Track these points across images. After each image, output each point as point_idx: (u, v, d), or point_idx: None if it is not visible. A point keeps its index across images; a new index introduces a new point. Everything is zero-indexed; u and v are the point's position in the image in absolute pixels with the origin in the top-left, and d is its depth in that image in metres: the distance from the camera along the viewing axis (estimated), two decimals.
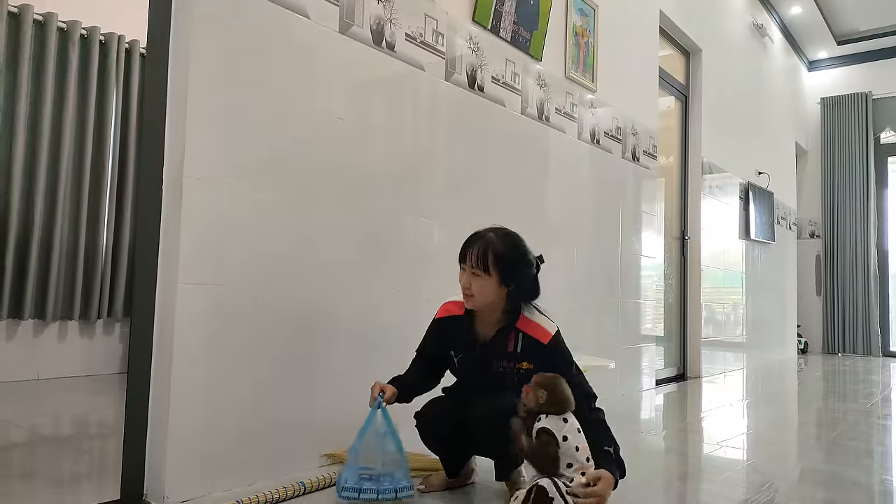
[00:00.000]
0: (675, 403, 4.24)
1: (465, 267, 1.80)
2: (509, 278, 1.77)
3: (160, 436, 1.78)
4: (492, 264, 1.75)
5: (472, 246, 1.79)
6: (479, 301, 1.80)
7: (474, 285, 1.78)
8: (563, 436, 1.57)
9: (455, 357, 1.91)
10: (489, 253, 1.76)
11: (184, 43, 1.85)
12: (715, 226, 5.74)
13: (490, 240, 1.78)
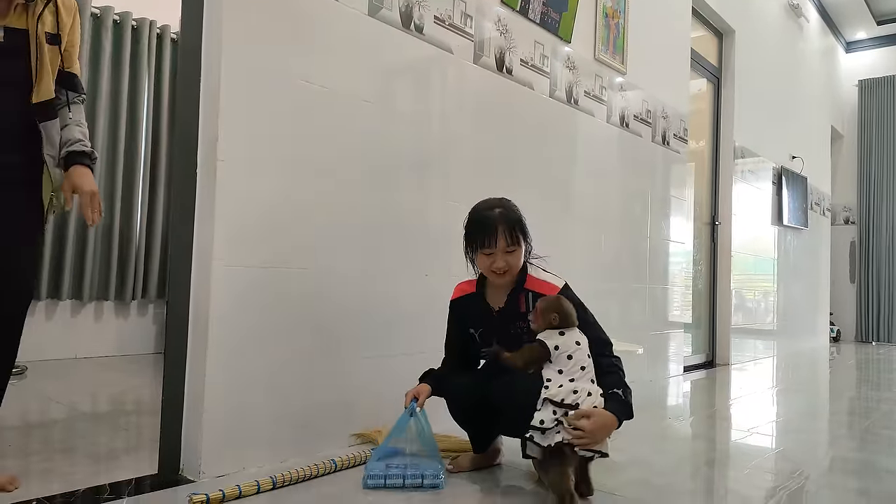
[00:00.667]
0: (703, 390, 4.21)
1: (492, 251, 1.80)
2: (527, 238, 1.86)
3: (196, 413, 1.82)
4: (518, 234, 1.82)
5: (493, 229, 1.79)
6: (511, 273, 1.85)
7: (510, 261, 1.81)
8: (554, 345, 1.69)
9: (476, 333, 1.94)
10: (514, 224, 1.81)
11: (216, 28, 1.86)
12: (746, 211, 5.64)
13: (505, 214, 1.82)
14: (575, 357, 1.70)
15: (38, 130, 1.59)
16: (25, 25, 1.55)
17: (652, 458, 2.30)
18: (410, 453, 1.87)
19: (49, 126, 1.61)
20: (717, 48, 5.40)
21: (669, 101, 4.26)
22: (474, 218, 1.86)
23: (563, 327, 1.74)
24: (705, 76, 5.23)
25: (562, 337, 1.72)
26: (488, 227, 1.80)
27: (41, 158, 1.61)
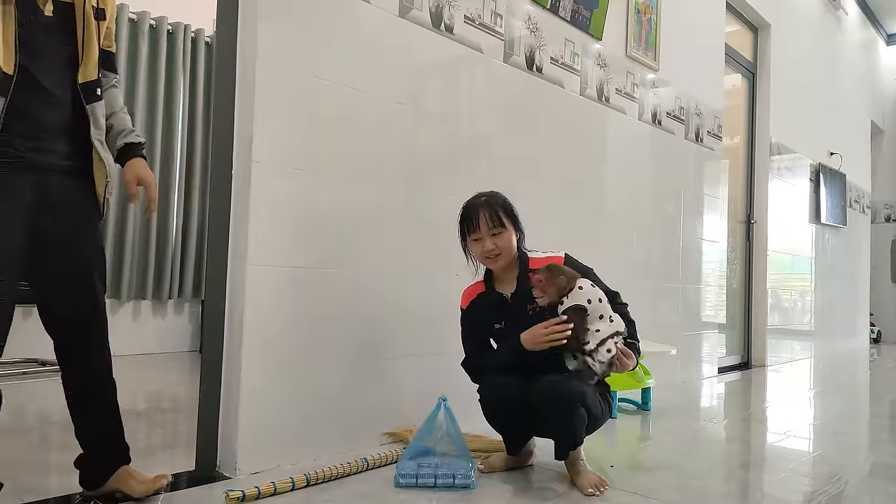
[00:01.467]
0: (738, 392, 4.13)
1: (479, 235, 1.90)
2: (518, 225, 1.94)
3: (232, 410, 1.86)
4: (504, 218, 1.90)
5: (476, 213, 1.91)
6: (504, 258, 1.91)
7: (500, 243, 1.89)
8: (587, 299, 1.80)
9: (500, 325, 1.95)
10: (498, 210, 1.90)
11: (251, 31, 1.90)
12: (782, 209, 5.51)
13: (488, 201, 1.92)
14: (603, 299, 1.83)
15: (85, 112, 1.50)
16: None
17: (685, 462, 2.27)
18: (441, 453, 1.88)
19: (96, 108, 1.53)
20: (753, 43, 5.29)
21: (703, 98, 4.19)
22: (461, 210, 1.97)
23: (573, 284, 1.81)
24: (740, 71, 5.13)
25: (582, 291, 1.81)
26: (471, 213, 1.92)
27: (90, 142, 1.52)
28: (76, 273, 1.53)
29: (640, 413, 3.03)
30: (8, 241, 1.39)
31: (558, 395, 1.73)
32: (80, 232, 1.54)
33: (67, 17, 1.46)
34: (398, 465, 1.85)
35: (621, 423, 2.83)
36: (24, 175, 1.41)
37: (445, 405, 1.87)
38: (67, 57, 1.47)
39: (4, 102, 1.36)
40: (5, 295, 1.41)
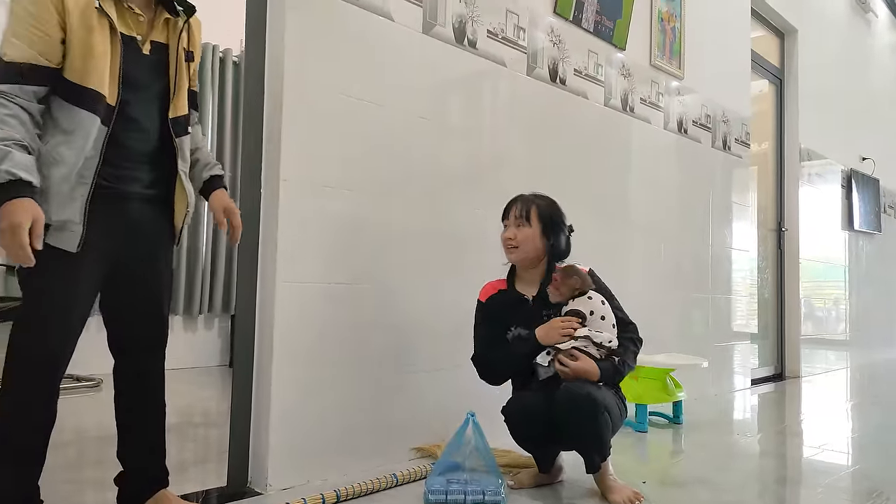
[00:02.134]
0: (772, 404, 4.05)
1: (507, 223, 1.99)
2: (549, 231, 1.96)
3: (263, 427, 1.88)
4: (535, 216, 1.96)
5: (515, 203, 2.00)
6: (521, 252, 1.95)
7: (519, 235, 1.95)
8: (589, 310, 1.86)
9: (514, 329, 1.96)
10: (532, 207, 1.97)
11: (278, 52, 1.93)
12: (814, 216, 5.40)
13: (532, 199, 2.00)
14: (607, 316, 1.88)
15: (172, 145, 1.59)
16: (167, 40, 1.58)
17: (719, 477, 2.22)
18: (470, 468, 1.87)
19: (184, 141, 1.62)
20: (779, 48, 5.22)
21: (730, 105, 4.14)
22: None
23: (585, 291, 1.88)
24: (766, 77, 5.06)
25: (591, 301, 1.87)
26: (510, 202, 2.02)
27: (175, 173, 1.60)
28: (149, 300, 1.61)
29: (672, 427, 2.98)
30: (92, 267, 1.46)
31: (579, 404, 1.74)
32: (156, 259, 1.62)
33: (162, 56, 1.57)
34: (427, 481, 1.85)
35: (652, 437, 2.79)
36: (109, 202, 1.48)
37: (474, 420, 1.87)
38: (158, 93, 1.57)
39: (107, 132, 1.44)
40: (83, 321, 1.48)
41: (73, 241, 1.41)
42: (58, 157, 1.40)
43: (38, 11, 1.37)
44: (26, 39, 1.37)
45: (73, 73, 1.42)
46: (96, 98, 1.42)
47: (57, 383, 1.48)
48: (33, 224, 1.31)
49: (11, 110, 1.34)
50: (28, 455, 1.45)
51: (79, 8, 1.40)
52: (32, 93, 1.38)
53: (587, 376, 1.81)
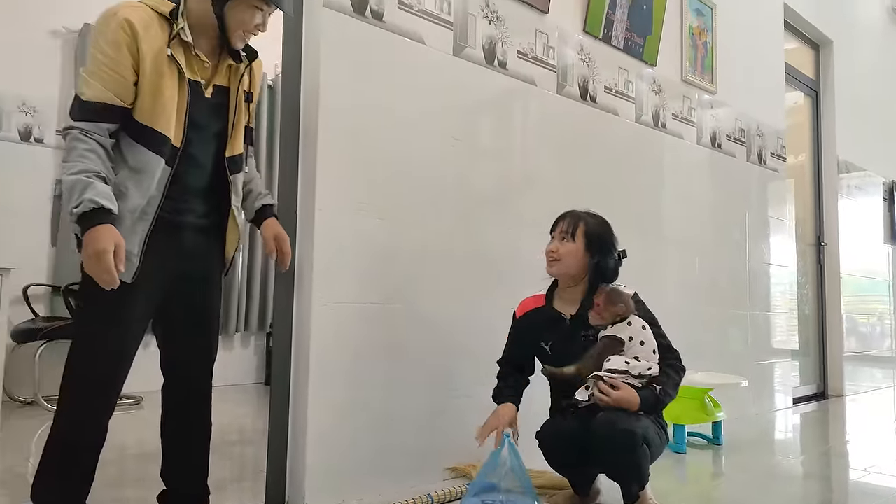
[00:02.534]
0: (816, 424, 3.93)
1: (553, 235, 1.97)
2: (594, 249, 1.92)
3: (300, 446, 1.89)
4: (580, 233, 1.92)
5: (564, 218, 1.98)
6: (563, 266, 1.92)
7: (561, 249, 1.92)
8: (628, 336, 1.81)
9: (546, 345, 1.94)
10: (580, 224, 1.94)
11: (313, 78, 1.98)
12: (855, 229, 5.27)
13: (582, 215, 1.98)
14: (647, 342, 1.82)
15: (227, 181, 1.68)
16: (228, 84, 1.67)
17: (761, 500, 2.16)
18: (505, 489, 1.85)
19: (238, 177, 1.71)
20: (814, 60, 5.14)
21: (764, 119, 4.08)
22: None
23: (627, 316, 1.83)
24: (801, 90, 4.98)
25: (630, 327, 1.82)
26: (559, 217, 1.99)
27: (228, 208, 1.70)
28: (199, 325, 1.69)
29: (711, 448, 2.92)
30: (146, 294, 1.54)
31: (617, 437, 1.69)
32: (207, 285, 1.70)
33: (223, 99, 1.67)
34: (462, 502, 1.84)
35: (691, 458, 2.73)
36: (165, 231, 1.56)
37: (510, 441, 1.86)
38: (217, 132, 1.66)
39: (171, 172, 1.54)
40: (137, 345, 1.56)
41: (129, 271, 1.49)
42: (125, 190, 1.49)
43: (115, 55, 1.47)
44: (102, 80, 1.47)
45: (142, 115, 1.51)
46: (163, 140, 1.52)
47: (110, 404, 1.54)
48: (116, 249, 1.40)
49: (89, 145, 1.45)
50: (79, 473, 1.51)
51: (152, 53, 1.50)
52: (106, 129, 1.48)
53: (627, 406, 1.74)
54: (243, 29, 1.61)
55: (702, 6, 3.62)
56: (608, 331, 1.83)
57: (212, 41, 1.62)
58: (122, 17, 1.48)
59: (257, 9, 1.61)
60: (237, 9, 1.58)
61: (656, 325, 1.91)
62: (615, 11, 3.02)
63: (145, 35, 1.49)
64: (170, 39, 1.53)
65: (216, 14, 1.58)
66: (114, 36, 1.47)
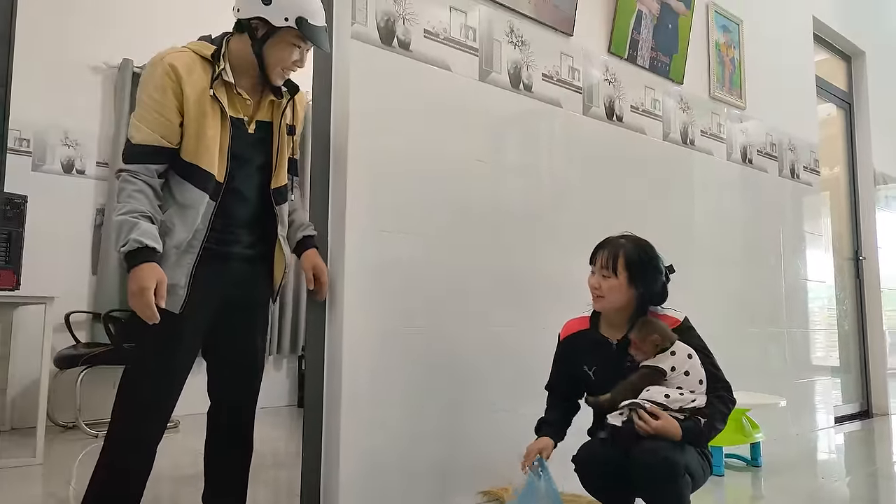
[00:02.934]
0: (860, 444, 3.80)
1: (593, 269, 1.88)
2: (638, 281, 1.82)
3: (333, 471, 1.91)
4: (622, 266, 1.82)
5: (602, 249, 1.87)
6: (608, 302, 1.84)
7: (604, 286, 1.83)
8: (671, 366, 1.71)
9: (590, 370, 1.89)
10: (619, 255, 1.83)
11: (343, 106, 2.03)
12: (894, 242, 5.13)
13: (620, 244, 1.86)
14: (692, 371, 1.73)
15: (273, 212, 1.76)
16: (271, 118, 1.75)
17: None
18: None
19: (283, 208, 1.79)
20: (846, 72, 5.06)
21: (796, 133, 4.02)
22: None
23: (669, 345, 1.74)
24: (833, 101, 4.90)
25: (674, 356, 1.73)
26: (597, 246, 1.89)
27: (275, 237, 1.77)
28: (246, 352, 1.78)
29: (750, 470, 2.85)
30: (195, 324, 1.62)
31: (657, 469, 1.64)
32: (254, 314, 1.78)
33: (266, 134, 1.74)
34: None
35: (730, 480, 2.67)
36: (212, 263, 1.63)
37: (543, 464, 1.84)
38: (261, 165, 1.74)
39: (215, 206, 1.62)
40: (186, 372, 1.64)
41: (177, 303, 1.57)
42: (171, 226, 1.57)
43: (161, 99, 1.56)
44: (150, 124, 1.56)
45: (187, 153, 1.59)
46: (207, 177, 1.59)
47: (159, 430, 1.61)
48: (158, 285, 1.49)
49: (138, 186, 1.54)
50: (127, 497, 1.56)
51: (195, 94, 1.58)
52: (155, 170, 1.57)
53: (668, 436, 1.66)
54: (282, 66, 1.68)
55: (728, 22, 3.61)
56: (651, 361, 1.75)
57: (253, 79, 1.70)
58: (167, 62, 1.57)
59: (295, 46, 1.67)
60: (276, 47, 1.65)
61: (705, 353, 1.81)
62: (640, 31, 3.03)
63: (188, 78, 1.58)
64: (212, 80, 1.60)
65: (255, 53, 1.65)
66: (160, 81, 1.56)
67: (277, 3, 1.61)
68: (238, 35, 1.68)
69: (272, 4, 1.61)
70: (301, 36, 1.65)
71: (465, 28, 2.34)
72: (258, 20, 1.63)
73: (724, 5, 3.58)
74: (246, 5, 1.64)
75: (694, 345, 1.80)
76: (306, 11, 1.64)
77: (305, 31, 1.64)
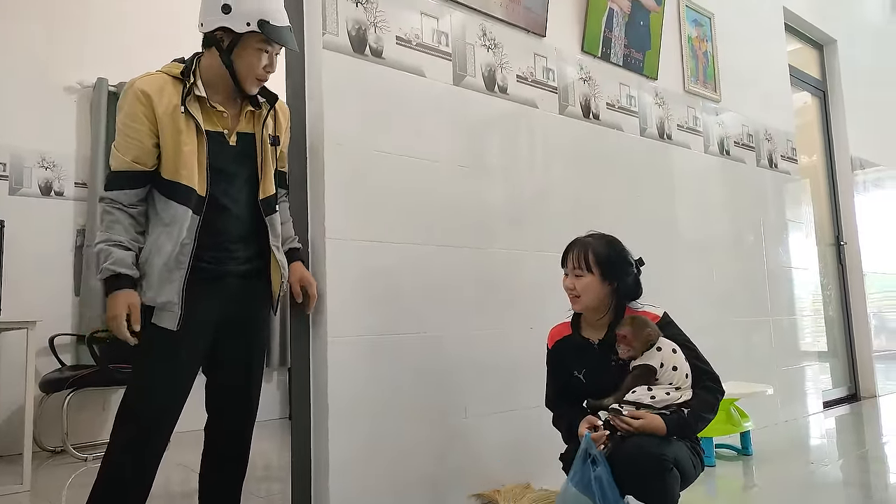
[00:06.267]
0: (850, 428, 3.84)
1: (566, 271, 1.90)
2: (610, 274, 1.85)
3: (322, 482, 1.90)
4: (592, 262, 1.84)
5: (572, 249, 1.89)
6: (585, 301, 1.85)
7: (578, 285, 1.85)
8: (659, 363, 1.72)
9: (580, 374, 1.90)
10: (589, 252, 1.86)
11: (317, 114, 2.02)
12: (875, 225, 5.19)
13: (588, 242, 1.89)
14: (679, 366, 1.74)
15: (264, 223, 1.76)
16: (252, 130, 1.76)
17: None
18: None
19: (273, 219, 1.79)
20: (819, 60, 5.12)
21: (772, 122, 4.07)
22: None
23: (655, 341, 1.75)
24: (808, 90, 4.96)
25: (660, 352, 1.74)
26: (567, 248, 1.91)
27: (269, 248, 1.77)
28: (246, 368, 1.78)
29: (741, 459, 2.87)
30: (194, 341, 1.65)
31: (646, 460, 1.63)
32: (253, 329, 1.78)
33: (248, 145, 1.75)
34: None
35: (721, 470, 2.68)
36: (208, 282, 1.65)
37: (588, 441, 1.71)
38: (247, 177, 1.74)
39: (199, 220, 1.63)
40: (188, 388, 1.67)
41: (172, 320, 1.59)
42: (160, 245, 1.60)
43: (133, 123, 1.60)
44: (123, 150, 1.61)
45: (167, 171, 1.62)
46: (187, 192, 1.61)
47: (160, 446, 1.64)
48: (130, 310, 1.55)
49: (115, 217, 1.60)
50: None
51: (168, 114, 1.61)
52: (134, 195, 1.61)
53: (653, 432, 1.67)
54: (254, 74, 1.69)
55: (699, 16, 3.64)
56: (638, 360, 1.75)
57: (227, 91, 1.71)
58: (137, 88, 1.61)
59: (262, 51, 1.68)
60: (244, 55, 1.67)
61: (689, 347, 1.83)
62: (612, 29, 3.05)
63: (159, 99, 1.60)
64: (183, 97, 1.62)
65: (225, 64, 1.67)
66: (131, 108, 1.60)
67: (237, 10, 1.63)
68: (207, 51, 1.70)
69: (232, 12, 1.63)
70: (266, 39, 1.66)
71: (438, 33, 2.35)
72: (222, 30, 1.65)
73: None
74: (208, 18, 1.66)
75: (676, 339, 1.82)
76: (266, 13, 1.65)
77: (269, 33, 1.65)
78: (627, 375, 1.76)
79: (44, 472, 3.10)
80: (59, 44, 3.88)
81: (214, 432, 1.80)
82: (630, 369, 1.75)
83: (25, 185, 3.76)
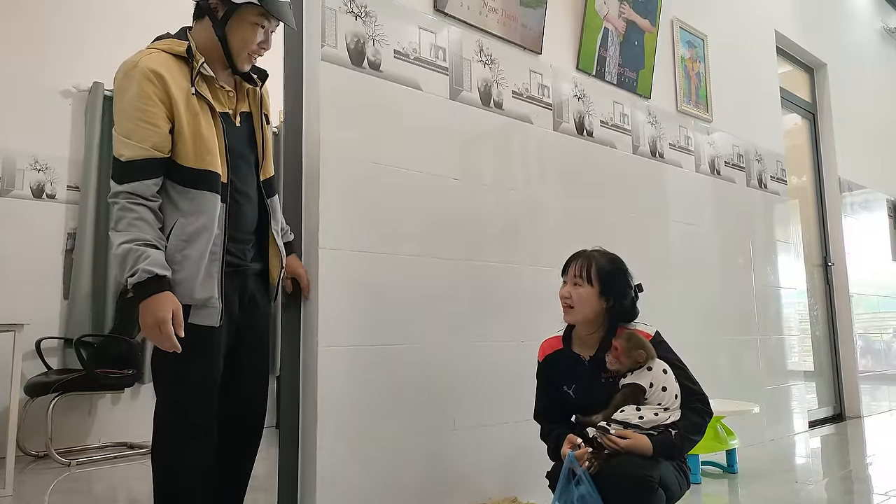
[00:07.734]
0: (834, 447, 3.87)
1: (565, 279, 1.89)
2: (609, 291, 1.83)
3: (309, 492, 1.90)
4: (594, 275, 1.83)
5: (575, 260, 1.88)
6: (578, 312, 1.84)
7: (574, 295, 1.84)
8: (648, 383, 1.71)
9: (569, 389, 1.89)
10: (592, 265, 1.84)
11: (314, 126, 2.04)
12: (861, 248, 5.26)
13: (593, 255, 1.88)
14: (669, 387, 1.73)
15: (266, 205, 1.68)
16: (250, 108, 1.68)
17: None
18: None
19: (274, 201, 1.72)
20: (809, 83, 5.20)
21: (762, 143, 4.12)
22: None
23: (648, 361, 1.74)
24: (798, 112, 5.03)
25: (650, 372, 1.73)
26: (569, 259, 1.91)
27: (269, 233, 1.69)
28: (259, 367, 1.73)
29: (727, 476, 2.88)
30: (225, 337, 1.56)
31: (631, 480, 1.62)
32: (264, 326, 1.72)
33: (249, 125, 1.67)
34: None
35: (707, 488, 2.70)
36: (232, 277, 1.57)
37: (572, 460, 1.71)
38: (254, 160, 1.66)
39: (226, 208, 1.53)
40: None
41: (214, 316, 1.50)
42: (189, 240, 1.46)
43: (147, 106, 1.43)
44: (139, 136, 1.43)
45: (186, 159, 1.48)
46: (215, 178, 1.50)
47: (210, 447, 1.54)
48: (174, 314, 1.41)
49: (138, 213, 1.42)
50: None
51: (182, 95, 1.47)
52: (153, 185, 1.45)
53: (639, 452, 1.66)
54: (248, 50, 1.58)
55: (693, 38, 3.70)
56: (628, 378, 1.74)
57: (226, 68, 1.61)
58: (145, 66, 1.45)
59: (258, 25, 1.57)
60: (239, 28, 1.55)
61: (679, 367, 1.82)
62: (607, 48, 3.09)
63: (171, 79, 1.46)
64: (192, 78, 1.50)
65: (218, 37, 1.55)
66: (142, 89, 1.43)
67: None
68: (198, 22, 1.58)
69: None
70: (264, 13, 1.55)
71: (435, 48, 2.37)
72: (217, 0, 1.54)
73: (690, 21, 3.67)
74: None
75: (667, 358, 1.81)
76: None
77: (267, 6, 1.54)
78: (617, 393, 1.75)
79: (26, 476, 3.06)
80: (55, 47, 3.88)
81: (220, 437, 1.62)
82: (620, 387, 1.75)
83: (17, 187, 3.75)
